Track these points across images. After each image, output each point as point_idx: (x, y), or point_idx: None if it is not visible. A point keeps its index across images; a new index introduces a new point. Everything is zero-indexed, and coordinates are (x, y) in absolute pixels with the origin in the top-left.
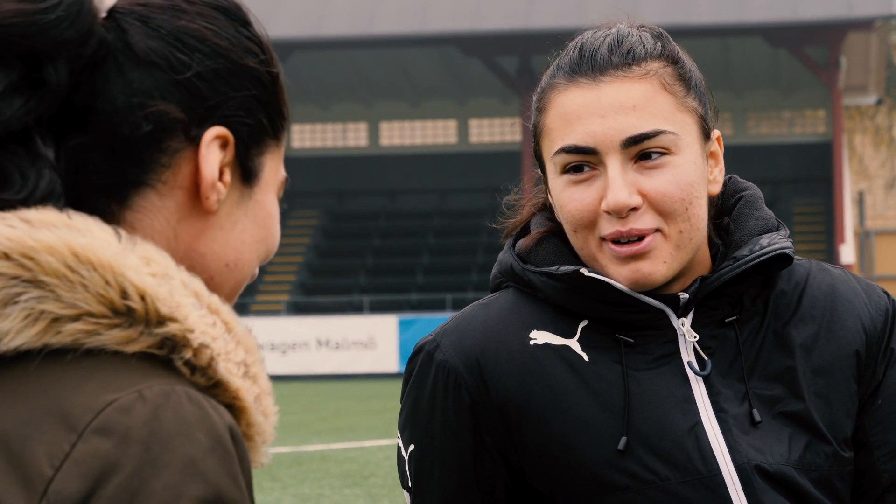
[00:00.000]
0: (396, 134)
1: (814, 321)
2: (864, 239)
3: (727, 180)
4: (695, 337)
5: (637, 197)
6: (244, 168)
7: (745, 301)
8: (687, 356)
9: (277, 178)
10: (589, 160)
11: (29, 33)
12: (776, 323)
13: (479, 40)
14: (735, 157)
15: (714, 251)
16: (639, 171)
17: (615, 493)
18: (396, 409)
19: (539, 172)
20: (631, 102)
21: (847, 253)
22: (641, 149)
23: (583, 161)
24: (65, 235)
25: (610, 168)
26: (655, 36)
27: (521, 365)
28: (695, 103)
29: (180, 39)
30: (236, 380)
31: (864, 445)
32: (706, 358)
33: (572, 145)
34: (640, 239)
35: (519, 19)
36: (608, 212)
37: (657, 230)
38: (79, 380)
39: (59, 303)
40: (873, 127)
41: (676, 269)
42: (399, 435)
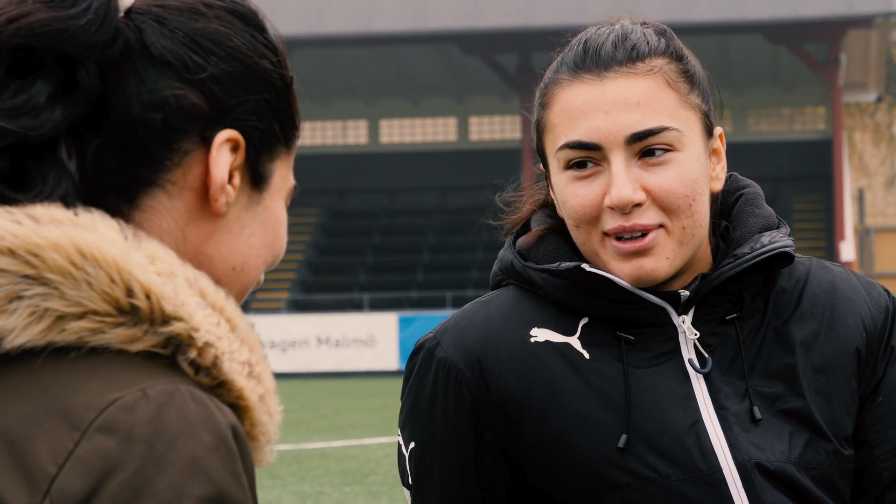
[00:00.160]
0: (396, 132)
1: (814, 319)
2: (864, 236)
3: (727, 178)
4: (695, 334)
5: (641, 193)
6: (254, 172)
7: (746, 299)
8: (687, 353)
9: (287, 185)
10: (593, 156)
11: (63, 39)
12: (777, 321)
13: (479, 38)
14: (735, 155)
15: (714, 249)
16: (642, 168)
17: (615, 491)
18: (396, 407)
19: (541, 168)
20: (635, 99)
21: (847, 250)
22: (645, 145)
23: (586, 157)
24: (70, 232)
25: (614, 164)
26: (659, 33)
27: (522, 362)
28: (698, 100)
29: (196, 41)
30: (240, 379)
31: (865, 443)
32: (707, 355)
33: (576, 141)
34: (643, 235)
35: (519, 17)
36: (612, 207)
37: (660, 226)
38: (82, 378)
39: (64, 300)
40: (873, 124)
41: (679, 266)
42: (399, 432)
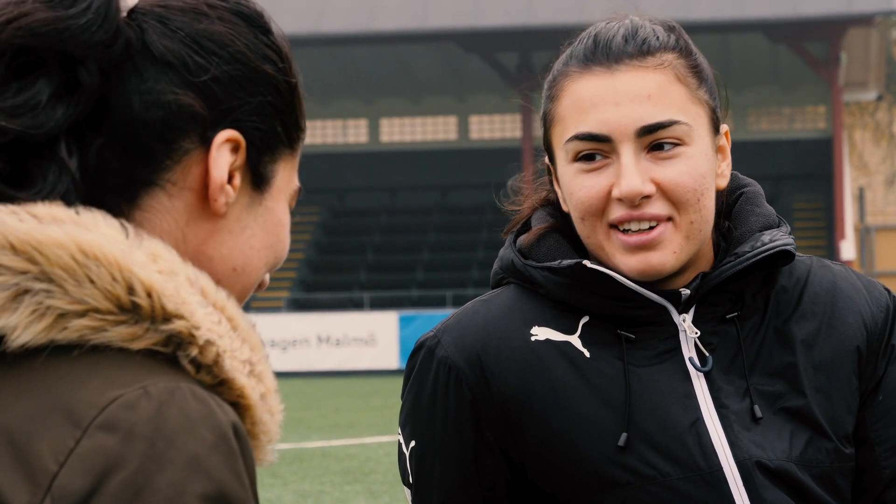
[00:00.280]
0: (397, 130)
1: (815, 317)
2: (865, 235)
3: None
4: (696, 333)
5: (650, 185)
6: (255, 173)
7: (747, 297)
8: (688, 352)
9: (290, 187)
10: (602, 148)
11: (63, 39)
12: (777, 319)
13: (479, 37)
14: (735, 154)
15: (716, 248)
16: (652, 161)
17: (616, 490)
18: (397, 406)
19: (546, 163)
20: (646, 91)
21: (847, 249)
22: (655, 138)
23: (595, 149)
24: (72, 231)
25: (623, 156)
26: (668, 28)
27: (522, 361)
28: (706, 96)
29: (198, 42)
30: (241, 377)
31: (865, 442)
32: (707, 354)
33: (586, 132)
34: (650, 228)
35: (519, 16)
36: (620, 199)
37: (669, 218)
38: (84, 376)
39: (67, 298)
40: (873, 123)
41: (685, 260)
42: (400, 431)
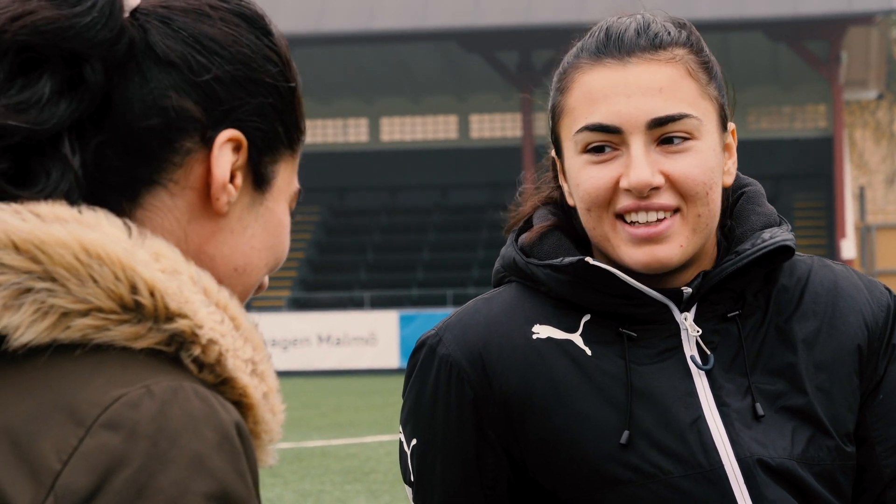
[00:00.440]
0: (397, 130)
1: (816, 316)
2: (865, 234)
3: None
4: (697, 331)
5: (659, 177)
6: (257, 174)
7: (748, 296)
8: (689, 350)
9: (290, 189)
10: (612, 140)
11: (67, 37)
12: (778, 318)
13: (479, 36)
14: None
15: (718, 246)
16: (661, 154)
17: (617, 487)
18: (397, 405)
19: (551, 157)
20: (657, 84)
21: (848, 248)
22: (665, 131)
23: (605, 141)
24: (75, 230)
25: (633, 147)
26: (679, 25)
27: (524, 359)
28: (716, 93)
29: (201, 42)
30: (244, 376)
31: (866, 441)
32: (709, 352)
33: (597, 123)
34: (658, 221)
35: (519, 14)
36: (629, 189)
37: (676, 210)
38: (87, 375)
39: (70, 297)
40: (874, 122)
41: (690, 254)
42: (401, 430)
